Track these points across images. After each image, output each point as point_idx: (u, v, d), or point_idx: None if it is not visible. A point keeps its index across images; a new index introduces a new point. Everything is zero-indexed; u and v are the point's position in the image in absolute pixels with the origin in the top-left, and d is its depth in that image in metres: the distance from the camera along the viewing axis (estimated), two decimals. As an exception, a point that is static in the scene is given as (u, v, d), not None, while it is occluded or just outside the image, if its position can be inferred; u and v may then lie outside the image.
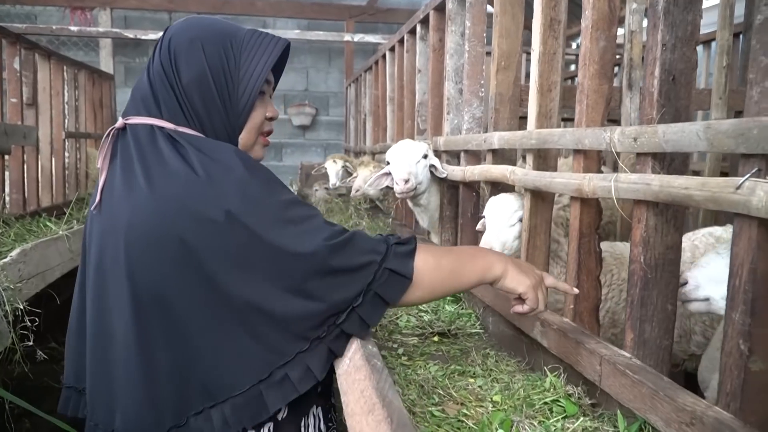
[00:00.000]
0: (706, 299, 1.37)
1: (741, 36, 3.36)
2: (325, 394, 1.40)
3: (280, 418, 1.26)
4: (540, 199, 1.85)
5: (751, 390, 1.01)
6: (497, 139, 2.08)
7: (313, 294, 1.21)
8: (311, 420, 1.36)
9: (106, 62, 7.90)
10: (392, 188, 2.73)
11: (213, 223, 1.14)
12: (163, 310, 1.17)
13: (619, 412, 1.29)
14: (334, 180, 4.79)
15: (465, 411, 1.44)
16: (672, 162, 1.27)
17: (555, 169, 1.89)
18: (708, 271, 1.36)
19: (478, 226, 2.23)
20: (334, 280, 1.22)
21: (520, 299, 1.42)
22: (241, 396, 1.18)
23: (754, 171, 0.97)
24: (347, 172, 4.93)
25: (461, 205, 2.58)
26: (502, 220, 2.02)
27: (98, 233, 1.27)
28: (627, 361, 1.29)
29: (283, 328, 1.19)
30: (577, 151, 1.56)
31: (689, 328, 1.90)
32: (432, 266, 1.32)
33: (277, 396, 1.19)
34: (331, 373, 1.25)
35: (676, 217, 1.30)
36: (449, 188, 2.75)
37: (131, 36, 7.63)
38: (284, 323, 1.19)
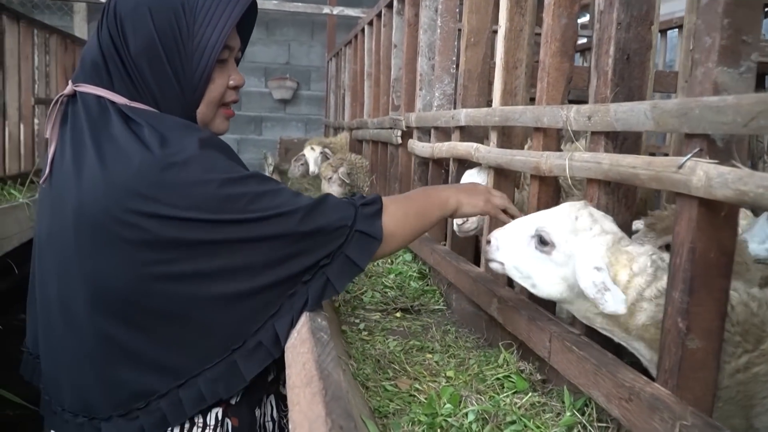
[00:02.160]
0: (502, 263, 1.33)
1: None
2: (276, 381, 1.39)
3: (233, 402, 1.24)
4: (503, 176, 1.85)
5: (687, 367, 1.02)
6: (464, 115, 2.07)
7: (287, 262, 1.19)
8: (267, 409, 1.35)
9: (80, 27, 7.71)
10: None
11: (174, 208, 1.09)
12: (120, 294, 1.12)
13: (565, 388, 1.31)
14: (313, 168, 4.77)
15: (417, 386, 1.45)
16: (624, 141, 1.27)
17: (519, 147, 1.88)
18: (509, 236, 1.31)
19: None
20: (306, 245, 1.21)
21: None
22: (215, 368, 1.16)
23: (695, 151, 0.97)
24: (327, 158, 4.89)
25: (430, 182, 2.57)
26: None
27: (48, 207, 1.22)
28: (575, 338, 1.30)
29: (256, 299, 1.18)
30: (536, 129, 1.56)
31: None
32: (401, 217, 1.35)
33: (253, 363, 1.18)
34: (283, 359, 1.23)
35: (627, 196, 1.30)
36: (419, 165, 2.75)
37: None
38: (259, 295, 1.18)
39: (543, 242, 1.20)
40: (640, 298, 1.12)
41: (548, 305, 1.64)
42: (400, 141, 3.14)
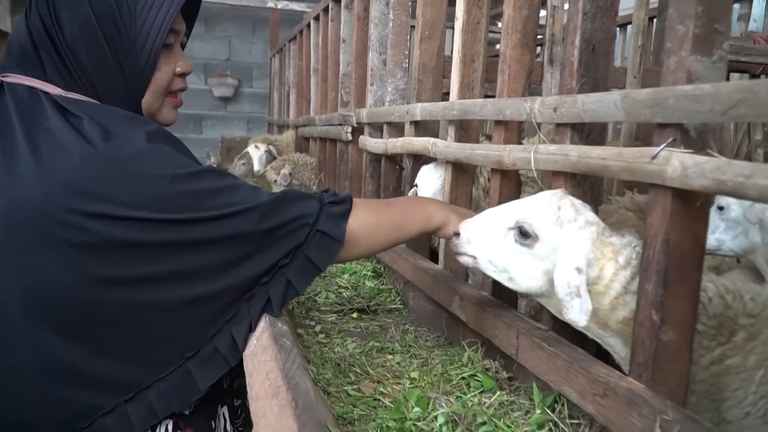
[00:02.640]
0: (474, 257, 1.25)
1: (655, 19, 3.49)
2: (231, 391, 1.30)
3: (187, 413, 1.15)
4: (461, 171, 1.82)
5: (661, 360, 1.01)
6: (419, 110, 2.02)
7: (246, 262, 1.12)
8: (221, 422, 1.27)
9: (2, 19, 7.22)
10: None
11: (121, 207, 1.00)
12: (60, 301, 1.02)
13: (534, 384, 1.28)
14: (258, 167, 4.66)
15: (381, 389, 1.40)
16: (590, 133, 1.26)
17: (476, 141, 1.86)
18: (483, 228, 1.22)
19: (410, 195, 2.19)
20: (265, 243, 1.14)
21: None
22: (167, 379, 1.08)
23: (669, 141, 0.96)
24: (272, 156, 4.79)
25: (383, 178, 2.52)
26: (436, 187, 1.98)
27: None
28: (544, 333, 1.28)
29: (213, 304, 1.10)
30: (498, 123, 1.53)
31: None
32: (372, 223, 1.28)
33: (208, 372, 1.10)
34: (239, 367, 1.15)
35: (593, 189, 1.29)
36: (371, 161, 2.69)
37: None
38: (216, 298, 1.10)
39: (524, 234, 1.15)
40: (625, 291, 1.09)
41: (512, 301, 1.62)
42: (350, 137, 3.08)
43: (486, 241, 1.21)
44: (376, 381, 1.46)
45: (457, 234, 1.26)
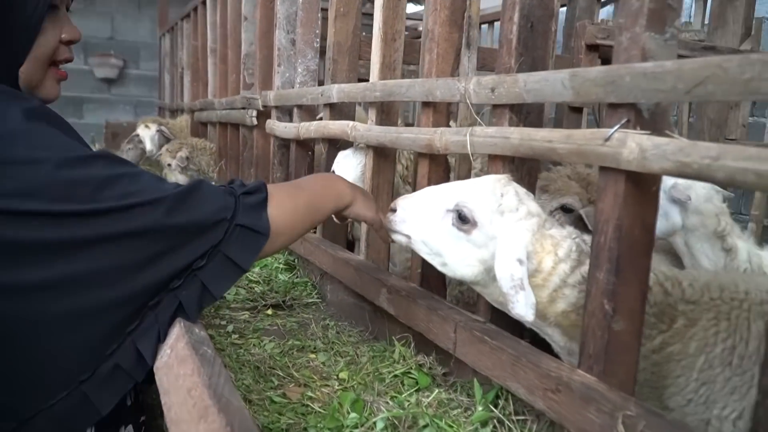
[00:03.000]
0: (408, 236, 1.18)
1: (565, 7, 3.57)
2: (136, 407, 1.13)
3: None
4: (383, 157, 1.72)
5: (613, 351, 0.97)
6: (336, 91, 1.90)
7: (152, 265, 0.95)
8: None
9: None
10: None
11: None
12: None
13: (476, 381, 1.21)
14: (150, 147, 4.31)
15: (309, 393, 1.28)
16: (529, 115, 1.20)
17: (397, 124, 1.77)
18: (420, 207, 1.15)
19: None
20: (175, 243, 0.98)
21: None
22: (59, 405, 0.91)
23: (623, 122, 0.91)
24: (165, 137, 4.45)
25: (293, 165, 2.38)
26: (356, 174, 1.87)
27: None
28: (483, 326, 1.22)
29: (111, 315, 0.93)
30: (426, 105, 1.45)
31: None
32: (290, 209, 1.16)
33: (109, 392, 0.94)
34: (144, 382, 0.99)
35: (531, 173, 1.24)
36: (279, 147, 2.53)
37: None
38: (115, 308, 0.93)
39: (462, 219, 1.07)
40: (564, 284, 1.04)
41: (440, 292, 1.56)
42: (255, 122, 2.90)
43: (422, 222, 1.14)
44: (302, 384, 1.34)
45: (393, 210, 1.17)
